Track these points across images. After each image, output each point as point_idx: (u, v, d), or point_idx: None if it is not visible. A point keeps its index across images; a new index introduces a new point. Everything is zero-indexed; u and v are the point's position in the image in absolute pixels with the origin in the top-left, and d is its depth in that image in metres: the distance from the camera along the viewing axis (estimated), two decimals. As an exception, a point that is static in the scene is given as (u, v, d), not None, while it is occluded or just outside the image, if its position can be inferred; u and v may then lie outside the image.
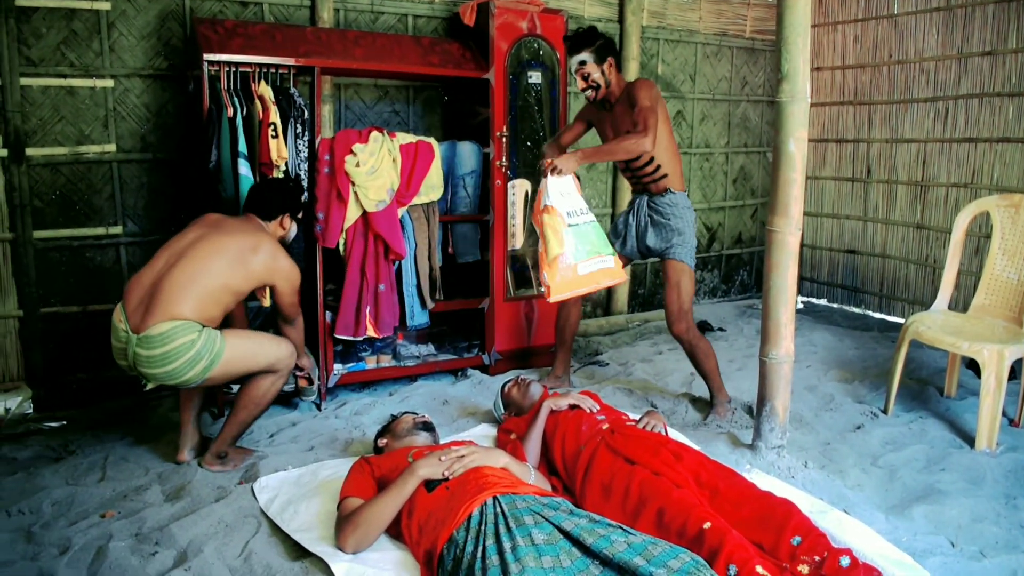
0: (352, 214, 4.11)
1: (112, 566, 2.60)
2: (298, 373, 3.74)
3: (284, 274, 3.35)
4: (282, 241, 3.52)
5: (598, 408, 3.29)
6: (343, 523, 2.62)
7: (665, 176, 4.00)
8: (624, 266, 4.25)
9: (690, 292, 4.05)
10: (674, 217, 4.02)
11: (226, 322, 3.35)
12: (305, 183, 4.04)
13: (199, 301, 3.10)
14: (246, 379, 3.34)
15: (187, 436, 3.48)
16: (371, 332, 4.24)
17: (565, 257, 3.68)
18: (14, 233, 4.05)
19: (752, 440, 3.55)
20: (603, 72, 3.96)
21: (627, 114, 3.95)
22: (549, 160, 3.82)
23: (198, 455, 3.46)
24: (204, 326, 3.12)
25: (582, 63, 3.95)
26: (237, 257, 3.21)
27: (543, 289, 3.75)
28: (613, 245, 4.08)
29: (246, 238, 3.27)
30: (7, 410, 4.00)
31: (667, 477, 2.68)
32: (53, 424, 3.94)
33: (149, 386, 3.17)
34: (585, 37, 3.96)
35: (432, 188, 4.38)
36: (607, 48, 3.98)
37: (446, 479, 2.61)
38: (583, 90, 4.03)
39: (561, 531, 2.29)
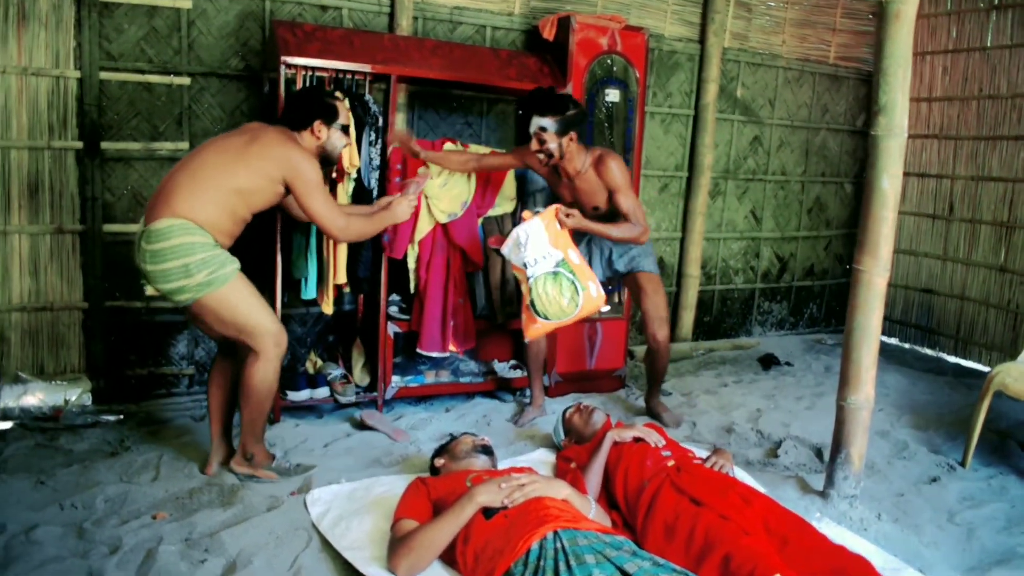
0: (424, 226, 4.06)
1: (161, 571, 2.58)
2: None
3: (292, 164, 3.13)
4: (326, 153, 3.35)
5: (664, 443, 3.15)
6: (397, 545, 2.54)
7: None
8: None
9: (665, 298, 4.19)
10: None
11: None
12: (376, 192, 3.99)
13: (198, 198, 3.02)
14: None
15: (216, 450, 3.42)
16: (452, 348, 4.19)
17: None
18: (84, 225, 4.07)
19: (823, 487, 3.38)
20: (560, 145, 3.76)
21: (595, 190, 3.91)
22: (558, 208, 3.69)
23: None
24: (216, 241, 3.06)
25: (542, 128, 3.73)
26: (238, 151, 3.11)
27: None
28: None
29: (249, 134, 3.18)
30: (66, 401, 4.01)
31: (735, 522, 2.55)
32: (110, 418, 3.95)
33: (149, 291, 3.13)
34: (551, 102, 3.74)
35: (507, 200, 4.33)
36: (573, 122, 3.75)
37: (505, 507, 2.51)
38: (534, 152, 3.82)
39: (623, 573, 2.18)
